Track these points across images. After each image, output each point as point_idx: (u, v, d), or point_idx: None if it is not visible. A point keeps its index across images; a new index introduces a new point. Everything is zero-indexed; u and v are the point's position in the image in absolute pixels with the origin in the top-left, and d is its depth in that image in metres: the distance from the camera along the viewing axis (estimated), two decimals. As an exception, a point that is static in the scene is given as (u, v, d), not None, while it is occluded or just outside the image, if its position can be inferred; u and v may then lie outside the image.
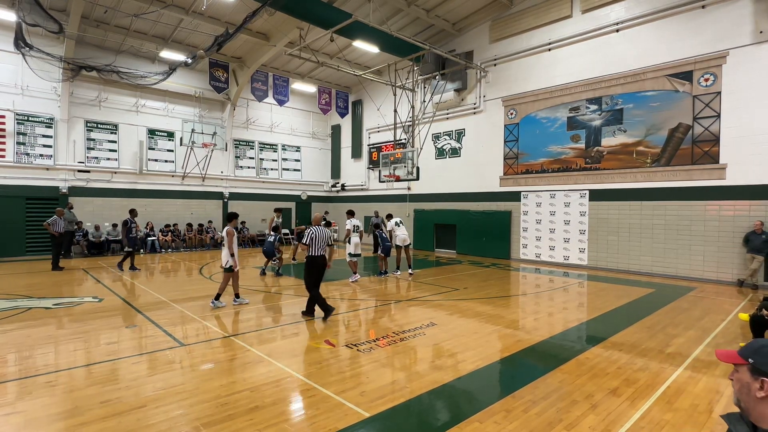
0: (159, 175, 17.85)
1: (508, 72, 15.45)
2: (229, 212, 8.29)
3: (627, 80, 12.43)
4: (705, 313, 7.64)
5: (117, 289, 9.28)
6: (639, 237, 12.31)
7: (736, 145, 10.62)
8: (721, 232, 10.88)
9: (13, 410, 3.71)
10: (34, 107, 14.89)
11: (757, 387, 1.50)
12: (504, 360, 5.21)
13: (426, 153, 18.11)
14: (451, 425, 3.51)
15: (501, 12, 15.44)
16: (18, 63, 14.12)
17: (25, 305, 7.71)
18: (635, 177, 12.36)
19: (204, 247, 18.11)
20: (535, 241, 14.82)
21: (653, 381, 4.48)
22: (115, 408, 3.74)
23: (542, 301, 8.75)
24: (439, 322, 6.79)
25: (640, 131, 12.25)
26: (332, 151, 23.82)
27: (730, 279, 10.71)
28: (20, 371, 4.64)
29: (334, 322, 6.77)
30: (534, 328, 6.59)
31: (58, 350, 5.35)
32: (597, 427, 3.51)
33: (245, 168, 20.55)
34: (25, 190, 14.82)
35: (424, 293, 9.22)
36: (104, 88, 16.40)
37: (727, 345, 5.78)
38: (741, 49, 10.51)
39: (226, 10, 14.44)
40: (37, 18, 11.05)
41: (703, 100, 11.10)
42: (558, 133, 14.10)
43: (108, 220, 16.37)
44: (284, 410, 3.79)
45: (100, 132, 16.40)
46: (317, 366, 4.83)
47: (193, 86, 18.33)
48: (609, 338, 6.03)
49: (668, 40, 11.66)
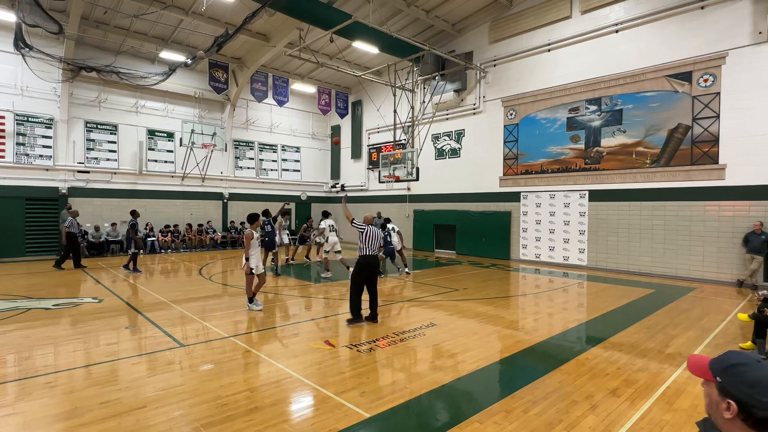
0: (159, 176, 17.85)
1: (508, 72, 15.46)
2: (250, 213, 7.71)
3: (626, 81, 12.44)
4: (704, 313, 7.65)
5: (117, 290, 9.27)
6: (638, 237, 12.32)
7: (735, 146, 10.64)
8: (721, 233, 10.89)
9: (13, 411, 3.71)
10: (33, 108, 14.89)
11: (724, 408, 1.40)
12: (504, 360, 5.21)
13: (426, 153, 18.12)
14: (451, 426, 3.51)
15: (501, 12, 15.45)
16: (18, 63, 14.11)
17: (24, 306, 7.70)
18: (635, 177, 12.37)
19: (204, 248, 18.10)
20: (534, 241, 14.82)
21: (653, 381, 4.48)
22: (115, 409, 3.74)
23: (542, 301, 8.75)
24: (438, 322, 6.79)
25: (640, 132, 12.26)
26: (332, 151, 23.82)
27: (730, 279, 10.72)
28: (20, 372, 4.63)
29: (334, 323, 6.77)
30: (534, 328, 6.59)
31: (58, 351, 5.35)
32: (597, 427, 3.51)
33: (245, 168, 20.55)
34: (25, 191, 14.81)
35: (424, 294, 9.22)
36: (104, 89, 16.40)
37: (727, 345, 5.79)
38: (740, 49, 10.52)
39: (226, 11, 14.44)
40: (36, 19, 11.06)
41: (703, 100, 11.11)
42: (557, 134, 14.11)
43: (108, 221, 16.36)
44: (284, 411, 3.79)
45: (99, 132, 16.40)
46: (317, 366, 4.83)
47: (193, 87, 18.34)
48: (609, 339, 6.03)
49: (667, 40, 11.68)
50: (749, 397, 1.35)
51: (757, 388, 1.35)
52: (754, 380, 1.36)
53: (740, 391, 1.37)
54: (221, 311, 7.45)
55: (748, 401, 1.35)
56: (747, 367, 1.40)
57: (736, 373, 1.40)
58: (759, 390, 1.34)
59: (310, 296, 8.98)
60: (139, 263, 12.74)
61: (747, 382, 1.37)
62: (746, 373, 1.39)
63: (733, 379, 1.39)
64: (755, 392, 1.34)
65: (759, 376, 1.37)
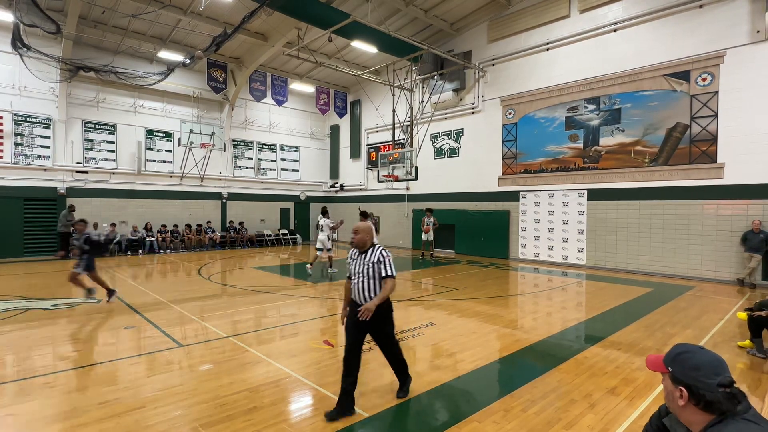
0: (157, 176, 17.82)
1: (507, 72, 15.46)
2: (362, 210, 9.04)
3: (625, 80, 12.45)
4: (703, 311, 7.66)
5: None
6: (637, 236, 12.33)
7: (733, 145, 10.65)
8: (719, 231, 10.91)
9: (12, 412, 3.70)
10: (31, 108, 14.86)
11: (678, 395, 1.49)
12: (503, 359, 5.22)
13: (424, 153, 18.12)
14: (450, 425, 3.52)
15: (499, 12, 15.45)
16: (15, 63, 14.07)
17: (23, 306, 7.69)
18: (633, 176, 12.38)
19: (203, 248, 18.08)
20: (533, 240, 14.83)
21: (651, 380, 4.49)
22: (114, 409, 3.73)
23: (541, 300, 8.76)
24: (437, 321, 6.79)
25: (638, 131, 12.27)
26: (331, 151, 23.81)
27: (728, 278, 10.74)
28: (18, 372, 4.62)
29: (333, 322, 6.77)
30: (532, 327, 6.60)
31: (57, 351, 5.34)
32: (595, 426, 3.51)
33: (244, 168, 20.53)
34: (23, 191, 14.78)
35: (422, 293, 9.22)
36: (102, 89, 16.37)
37: (725, 343, 5.80)
38: (738, 48, 10.54)
39: (224, 11, 14.42)
40: (34, 18, 11.02)
41: (701, 99, 11.12)
42: (556, 133, 14.12)
43: (106, 221, 16.33)
44: (283, 410, 3.79)
45: (98, 132, 16.37)
46: (316, 366, 4.83)
47: (192, 87, 18.31)
48: (607, 337, 6.04)
49: (666, 39, 11.69)
50: (695, 380, 1.46)
51: (701, 371, 1.47)
52: (698, 364, 1.49)
53: (687, 376, 1.49)
54: (220, 311, 7.45)
55: (694, 384, 1.46)
56: (690, 354, 1.54)
57: (682, 360, 1.53)
58: (703, 372, 1.46)
59: (309, 296, 8.97)
60: (138, 263, 12.67)
61: (691, 366, 1.49)
62: (690, 359, 1.52)
63: (680, 367, 1.52)
64: (700, 375, 1.46)
65: (702, 360, 1.50)
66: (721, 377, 1.42)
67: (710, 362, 1.47)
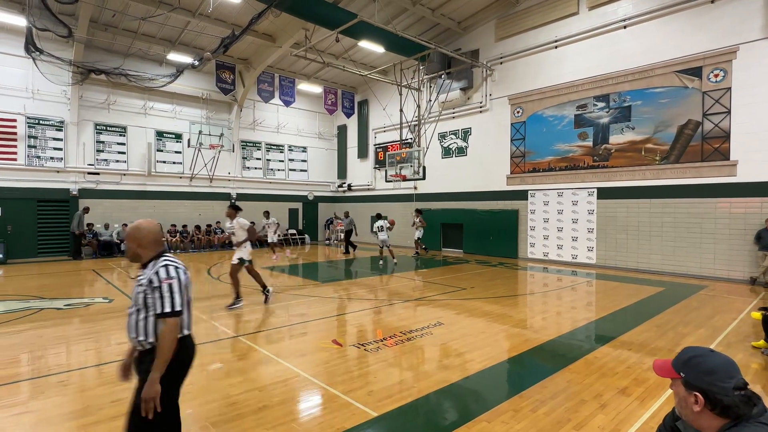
0: (167, 177, 18.01)
1: (515, 70, 15.37)
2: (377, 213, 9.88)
3: (635, 77, 12.31)
4: (716, 311, 7.55)
5: (127, 290, 9.38)
6: (648, 235, 12.19)
7: (747, 142, 10.47)
8: (732, 230, 10.74)
9: (26, 409, 3.77)
10: (44, 111, 15.09)
11: (692, 401, 1.44)
12: (512, 359, 5.19)
13: (432, 152, 18.06)
14: (459, 425, 3.51)
15: (507, 10, 15.36)
16: (29, 67, 14.32)
17: (37, 306, 7.82)
18: (644, 174, 12.24)
19: (212, 248, 18.23)
20: (542, 239, 14.73)
21: (663, 380, 4.43)
22: (126, 407, 3.77)
23: (550, 300, 8.70)
24: (446, 321, 6.77)
25: (649, 128, 12.12)
26: (338, 151, 23.87)
27: (742, 277, 10.57)
28: (33, 371, 4.71)
29: (341, 322, 6.79)
30: (542, 327, 6.55)
31: (70, 350, 5.43)
32: (606, 426, 3.48)
33: (252, 169, 20.66)
34: (37, 193, 15.03)
35: (431, 293, 9.21)
36: (113, 91, 16.58)
37: (739, 343, 5.71)
38: (751, 44, 10.36)
39: (232, 12, 14.52)
40: (46, 23, 11.19)
41: (713, 96, 10.96)
42: (565, 131, 14.00)
43: (117, 222, 16.54)
44: (292, 409, 3.81)
45: (109, 134, 16.58)
46: (325, 366, 4.85)
47: (200, 88, 18.47)
48: (618, 337, 5.98)
49: (676, 35, 11.53)
50: (711, 385, 1.41)
51: (716, 375, 1.42)
52: (712, 368, 1.43)
53: (702, 381, 1.43)
54: (229, 311, 7.50)
55: (710, 389, 1.41)
56: (703, 357, 1.48)
57: (694, 365, 1.47)
58: (718, 376, 1.41)
59: (317, 296, 9.01)
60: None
61: (705, 370, 1.44)
62: (703, 363, 1.47)
63: (693, 371, 1.46)
64: (715, 379, 1.41)
65: (715, 363, 1.45)
66: (735, 380, 1.39)
67: (723, 365, 1.43)
